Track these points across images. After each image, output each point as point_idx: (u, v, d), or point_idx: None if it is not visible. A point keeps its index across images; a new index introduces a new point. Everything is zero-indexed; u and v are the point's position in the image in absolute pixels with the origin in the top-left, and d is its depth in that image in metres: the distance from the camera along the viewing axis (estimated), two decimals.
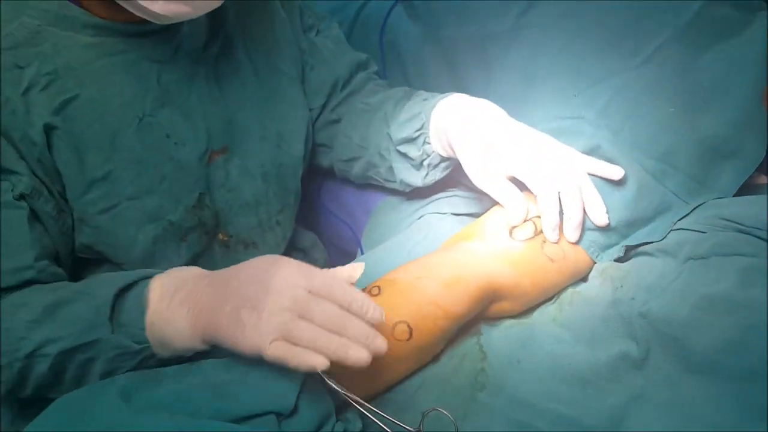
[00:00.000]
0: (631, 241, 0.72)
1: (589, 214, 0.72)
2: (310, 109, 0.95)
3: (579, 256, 0.73)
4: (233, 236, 0.86)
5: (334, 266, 1.02)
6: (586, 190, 0.72)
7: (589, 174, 0.74)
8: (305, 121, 0.93)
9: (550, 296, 0.74)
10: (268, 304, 0.58)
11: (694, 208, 0.74)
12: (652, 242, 0.73)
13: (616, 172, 0.73)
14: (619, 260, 0.73)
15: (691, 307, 0.61)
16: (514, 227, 0.74)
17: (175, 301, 0.63)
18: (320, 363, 0.56)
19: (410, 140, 0.85)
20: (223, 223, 0.84)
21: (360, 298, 0.59)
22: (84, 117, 0.72)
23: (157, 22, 0.71)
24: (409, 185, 0.89)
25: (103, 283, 0.66)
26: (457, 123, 0.79)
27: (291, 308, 0.58)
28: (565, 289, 0.75)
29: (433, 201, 0.90)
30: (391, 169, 0.89)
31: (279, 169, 0.88)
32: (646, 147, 0.76)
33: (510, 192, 0.73)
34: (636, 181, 0.74)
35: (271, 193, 0.88)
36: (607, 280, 0.70)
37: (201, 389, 0.60)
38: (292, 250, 0.96)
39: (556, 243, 0.72)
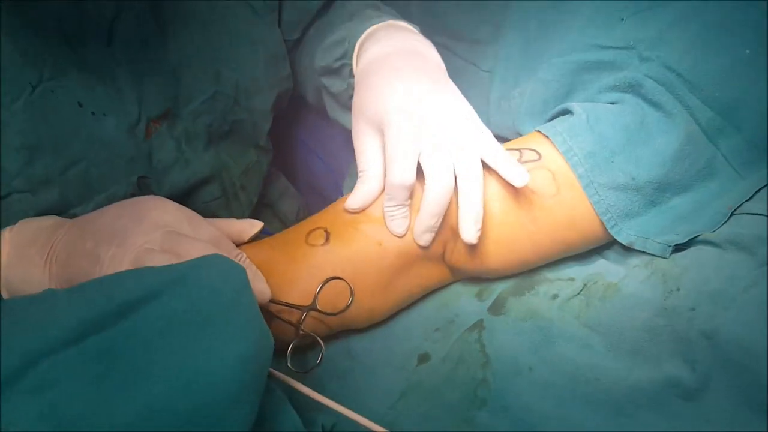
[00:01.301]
0: (681, 234, 0.55)
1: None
2: (288, 40, 0.75)
3: (579, 203, 0.56)
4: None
5: (311, 213, 0.86)
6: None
7: (486, 161, 0.56)
8: (276, 65, 0.73)
9: (543, 249, 0.58)
10: (133, 238, 0.49)
11: (760, 189, 0.57)
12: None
13: (519, 177, 0.54)
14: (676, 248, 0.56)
15: None
16: None
17: (31, 254, 0.52)
18: None
19: (332, 71, 0.69)
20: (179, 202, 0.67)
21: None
22: None
23: None
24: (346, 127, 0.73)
25: None
26: (364, 62, 0.63)
27: (158, 245, 0.49)
28: (591, 271, 0.59)
29: None
30: None
31: (232, 126, 0.70)
32: (706, 94, 0.58)
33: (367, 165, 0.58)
34: (682, 133, 0.57)
35: (225, 155, 0.70)
36: (656, 275, 0.54)
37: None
38: (258, 204, 0.79)
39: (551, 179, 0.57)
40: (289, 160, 0.91)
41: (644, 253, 0.56)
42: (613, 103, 0.60)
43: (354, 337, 0.60)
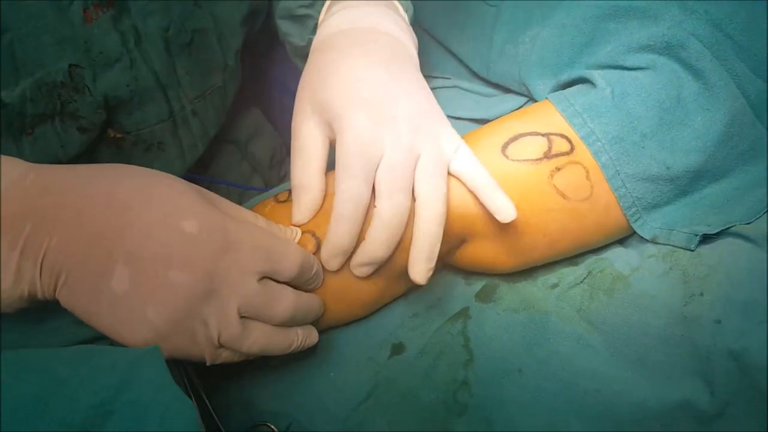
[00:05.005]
0: (713, 224, 0.47)
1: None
2: None
3: (611, 203, 0.48)
4: (131, 133, 0.59)
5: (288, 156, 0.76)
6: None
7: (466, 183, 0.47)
8: None
9: (562, 253, 0.50)
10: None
11: None
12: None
13: (505, 210, 0.45)
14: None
15: None
16: (510, 140, 0.49)
17: None
18: None
19: (294, 18, 0.60)
20: (116, 115, 0.57)
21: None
22: None
23: None
24: None
25: None
26: (326, 31, 0.53)
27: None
28: (598, 254, 0.50)
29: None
30: None
31: (193, 37, 0.60)
32: (758, 61, 0.49)
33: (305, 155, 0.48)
34: (727, 110, 0.47)
35: (181, 71, 0.60)
36: (675, 272, 0.46)
37: None
38: (222, 142, 0.69)
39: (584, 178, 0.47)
40: (264, 100, 0.81)
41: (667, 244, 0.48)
42: (640, 69, 0.50)
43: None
